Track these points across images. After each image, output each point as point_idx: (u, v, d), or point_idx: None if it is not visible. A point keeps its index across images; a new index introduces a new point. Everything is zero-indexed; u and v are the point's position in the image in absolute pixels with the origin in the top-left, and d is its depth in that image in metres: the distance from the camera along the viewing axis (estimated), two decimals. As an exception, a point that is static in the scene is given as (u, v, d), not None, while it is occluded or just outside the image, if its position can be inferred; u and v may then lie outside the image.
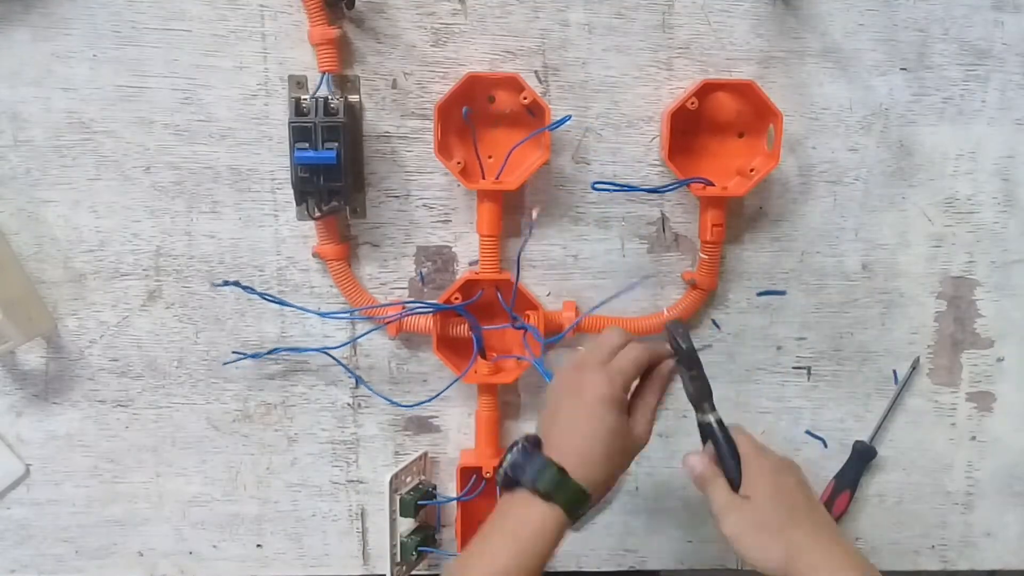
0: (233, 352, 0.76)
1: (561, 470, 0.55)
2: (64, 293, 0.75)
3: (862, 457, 0.80)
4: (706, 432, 0.63)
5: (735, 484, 0.60)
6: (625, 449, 0.59)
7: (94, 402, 0.77)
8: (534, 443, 0.58)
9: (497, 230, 0.73)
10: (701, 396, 0.63)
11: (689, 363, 0.63)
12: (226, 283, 0.74)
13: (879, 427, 0.80)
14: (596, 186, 0.72)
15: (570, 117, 0.71)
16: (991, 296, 0.79)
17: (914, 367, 0.79)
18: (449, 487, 0.80)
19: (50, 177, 0.73)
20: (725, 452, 0.61)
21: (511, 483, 0.57)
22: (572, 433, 0.57)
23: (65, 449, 0.78)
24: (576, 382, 0.59)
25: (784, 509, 0.58)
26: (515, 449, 0.57)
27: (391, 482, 0.75)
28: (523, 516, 0.55)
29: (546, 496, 0.55)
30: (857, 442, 0.80)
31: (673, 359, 0.63)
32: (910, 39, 0.73)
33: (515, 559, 0.54)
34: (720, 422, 0.62)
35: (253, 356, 0.76)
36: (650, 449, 0.63)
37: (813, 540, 0.58)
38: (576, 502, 0.56)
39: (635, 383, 0.61)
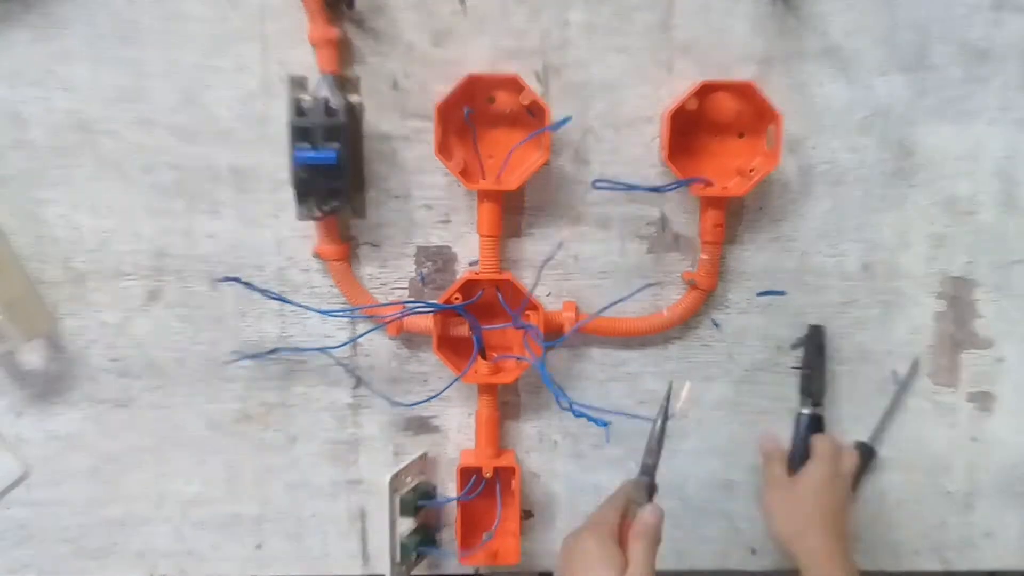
0: (232, 352, 0.76)
1: None
2: (64, 293, 0.75)
3: (863, 458, 0.80)
4: (797, 420, 0.78)
5: (794, 467, 0.74)
6: None
7: (94, 402, 0.77)
8: None
9: (497, 230, 0.73)
10: (806, 391, 0.78)
11: (809, 362, 0.77)
12: (227, 279, 0.74)
13: (879, 427, 0.80)
14: (597, 184, 0.72)
15: (570, 118, 0.71)
16: (991, 296, 0.79)
17: (914, 367, 0.79)
18: (449, 487, 0.80)
19: (50, 177, 0.73)
20: (799, 441, 0.76)
21: None
22: None
23: (65, 449, 0.78)
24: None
25: (824, 510, 0.70)
26: None
27: (391, 482, 0.75)
28: None
29: None
30: (857, 443, 0.80)
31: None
32: (910, 39, 0.73)
33: None
34: (813, 416, 0.77)
35: (252, 357, 0.76)
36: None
37: (836, 537, 0.68)
38: None
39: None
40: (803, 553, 0.68)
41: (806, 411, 0.77)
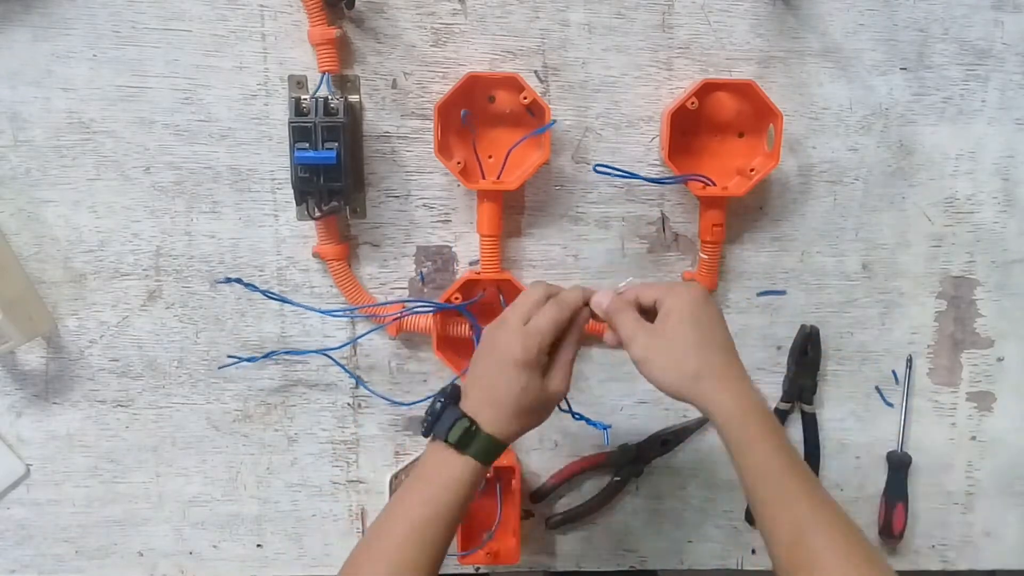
0: (228, 356, 0.76)
1: (472, 423, 0.59)
2: (64, 293, 0.75)
3: (899, 466, 0.80)
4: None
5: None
6: (539, 404, 0.61)
7: (94, 402, 0.77)
8: (452, 396, 0.62)
9: (497, 230, 0.73)
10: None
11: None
12: (228, 280, 0.74)
13: (903, 432, 0.80)
14: (597, 169, 0.72)
15: (555, 122, 0.70)
16: (991, 296, 0.79)
17: (908, 366, 0.79)
18: (449, 487, 0.80)
19: (50, 177, 0.73)
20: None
21: (429, 433, 0.61)
22: (487, 390, 0.60)
23: (65, 449, 0.78)
24: (493, 342, 0.61)
25: (701, 330, 0.58)
26: (434, 401, 0.61)
27: (391, 482, 0.75)
28: (437, 465, 0.59)
29: (458, 447, 0.59)
30: (890, 453, 0.81)
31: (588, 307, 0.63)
32: (910, 39, 0.73)
33: (428, 505, 0.58)
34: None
35: (249, 360, 0.76)
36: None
37: (725, 364, 0.58)
38: (487, 452, 0.59)
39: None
40: (703, 397, 0.57)
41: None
